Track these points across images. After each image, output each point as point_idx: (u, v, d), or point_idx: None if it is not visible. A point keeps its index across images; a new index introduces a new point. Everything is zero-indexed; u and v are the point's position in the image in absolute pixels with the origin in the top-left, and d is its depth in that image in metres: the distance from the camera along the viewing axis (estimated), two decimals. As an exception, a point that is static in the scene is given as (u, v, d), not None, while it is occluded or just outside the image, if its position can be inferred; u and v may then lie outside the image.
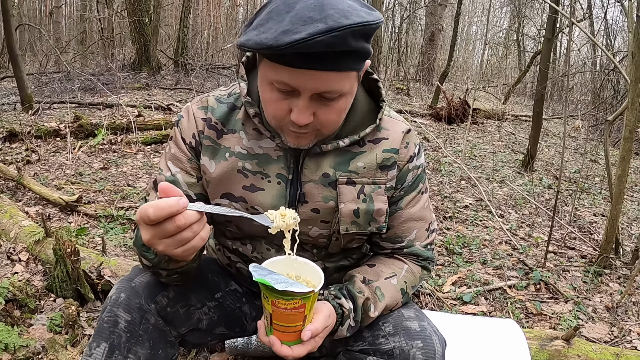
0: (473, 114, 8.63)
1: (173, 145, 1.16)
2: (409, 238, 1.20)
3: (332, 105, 0.96)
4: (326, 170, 1.10)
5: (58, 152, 4.66)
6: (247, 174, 1.11)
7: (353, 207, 1.12)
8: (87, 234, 2.93)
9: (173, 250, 0.85)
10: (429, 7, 15.62)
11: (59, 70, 9.97)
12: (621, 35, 12.16)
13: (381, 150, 1.13)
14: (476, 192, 4.40)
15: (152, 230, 0.83)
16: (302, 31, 0.83)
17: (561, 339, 1.81)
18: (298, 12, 0.85)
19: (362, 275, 1.17)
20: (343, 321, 1.09)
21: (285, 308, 0.91)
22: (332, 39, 0.83)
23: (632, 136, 2.48)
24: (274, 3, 0.91)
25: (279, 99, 0.95)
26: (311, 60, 0.87)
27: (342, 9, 0.86)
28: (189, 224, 0.83)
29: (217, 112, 1.13)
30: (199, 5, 18.22)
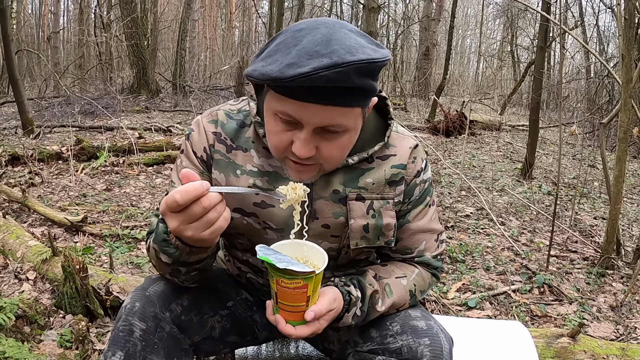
0: (471, 126, 8.69)
1: (184, 158, 1.17)
2: (419, 249, 1.23)
3: (335, 140, 0.97)
4: (336, 187, 1.12)
5: (61, 175, 4.71)
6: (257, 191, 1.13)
7: (363, 223, 1.14)
8: (93, 253, 2.96)
9: (201, 233, 0.89)
10: (423, 22, 15.80)
11: (59, 95, 10.07)
12: (614, 41, 12.29)
13: (389, 167, 1.15)
14: (477, 201, 4.43)
15: (179, 217, 0.88)
16: (307, 65, 0.84)
17: (567, 336, 1.83)
18: (305, 46, 0.87)
19: (374, 271, 1.20)
20: (349, 308, 1.10)
21: (288, 287, 0.94)
22: (335, 74, 0.84)
23: (626, 137, 2.53)
24: (283, 35, 0.93)
25: (282, 130, 0.96)
26: (315, 94, 0.88)
27: (348, 45, 0.87)
28: (213, 204, 0.88)
29: (227, 127, 1.15)
30: (195, 28, 18.42)
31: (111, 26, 12.92)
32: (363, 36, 0.94)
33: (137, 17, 11.18)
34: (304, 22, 0.94)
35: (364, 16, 12.54)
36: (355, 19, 16.83)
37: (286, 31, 0.94)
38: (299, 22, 0.96)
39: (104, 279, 2.30)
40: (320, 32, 0.89)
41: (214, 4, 23.07)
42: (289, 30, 0.93)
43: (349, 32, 0.91)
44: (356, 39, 0.90)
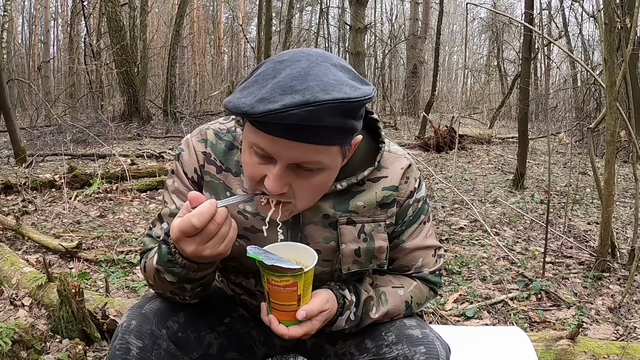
0: (461, 140, 8.77)
1: (176, 178, 1.17)
2: (416, 266, 1.22)
3: (310, 178, 0.95)
4: (326, 212, 1.10)
5: (54, 202, 4.69)
6: (247, 216, 1.12)
7: (354, 247, 1.13)
8: (88, 278, 2.94)
9: (218, 248, 0.92)
10: (409, 40, 16.02)
11: (50, 124, 10.09)
12: (598, 49, 12.50)
13: (380, 189, 1.12)
14: (470, 213, 4.45)
15: (196, 239, 0.90)
16: (278, 101, 0.82)
17: (566, 338, 1.83)
18: (281, 80, 0.84)
19: (371, 279, 1.20)
20: (343, 312, 1.10)
21: (278, 285, 0.95)
22: (306, 113, 0.81)
23: (613, 139, 2.57)
24: (265, 65, 0.91)
25: (257, 163, 0.95)
26: (287, 131, 0.85)
27: (325, 81, 0.84)
28: (224, 219, 0.91)
29: (216, 148, 1.13)
30: (184, 55, 18.59)
31: (101, 54, 13.03)
32: (347, 71, 0.90)
33: (126, 44, 11.28)
34: (290, 52, 0.92)
35: (351, 37, 12.72)
36: (343, 40, 17.04)
37: (269, 60, 0.92)
38: (286, 51, 0.93)
39: (100, 303, 2.29)
40: (300, 66, 0.86)
41: (202, 30, 23.30)
42: (271, 60, 0.91)
43: (330, 67, 0.88)
44: (336, 74, 0.87)
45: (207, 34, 23.88)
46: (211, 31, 24.29)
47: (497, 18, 14.17)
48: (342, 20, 16.55)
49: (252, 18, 24.79)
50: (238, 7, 24.51)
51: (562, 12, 10.92)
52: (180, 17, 12.79)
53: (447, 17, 19.49)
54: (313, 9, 22.05)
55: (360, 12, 11.97)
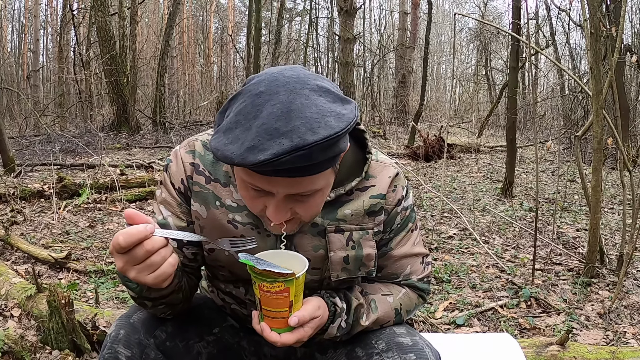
0: (450, 149, 8.85)
1: (164, 189, 1.17)
2: (405, 273, 1.23)
3: (308, 201, 0.96)
4: (314, 220, 1.11)
5: (43, 213, 4.66)
6: (237, 225, 1.12)
7: (343, 255, 1.14)
8: (78, 289, 2.92)
9: (145, 276, 0.89)
10: (398, 50, 16.14)
11: (39, 133, 10.04)
12: (585, 58, 12.67)
13: (368, 197, 1.14)
14: (459, 222, 4.48)
15: (124, 258, 0.87)
16: (267, 149, 0.81)
17: (556, 344, 1.85)
18: (264, 120, 0.83)
19: (361, 287, 1.21)
20: (334, 319, 1.10)
21: (270, 292, 0.95)
22: (297, 158, 0.81)
23: (600, 147, 2.61)
24: (242, 99, 0.89)
25: (255, 197, 0.96)
26: (280, 172, 0.86)
27: (309, 117, 0.83)
28: (157, 248, 0.88)
29: (204, 159, 1.14)
30: (174, 65, 18.58)
31: (91, 64, 12.99)
32: (326, 93, 0.89)
33: (116, 54, 11.26)
34: (263, 81, 0.89)
35: (340, 47, 12.80)
36: (332, 50, 17.13)
37: (245, 93, 0.89)
38: (259, 78, 0.91)
39: (90, 314, 2.27)
40: (279, 100, 0.85)
41: (192, 41, 23.33)
42: (248, 93, 0.88)
43: (310, 94, 0.87)
44: (317, 103, 0.86)
45: (196, 44, 23.92)
46: (201, 41, 24.33)
47: (485, 28, 14.33)
48: (331, 31, 16.65)
49: (242, 28, 24.89)
50: (227, 17, 24.59)
51: (549, 21, 11.08)
52: (169, 27, 12.81)
53: (435, 27, 19.68)
54: (302, 20, 22.21)
55: (349, 23, 12.06)
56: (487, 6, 19.46)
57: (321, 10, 18.89)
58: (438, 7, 24.76)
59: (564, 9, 9.46)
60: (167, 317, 1.17)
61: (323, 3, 19.52)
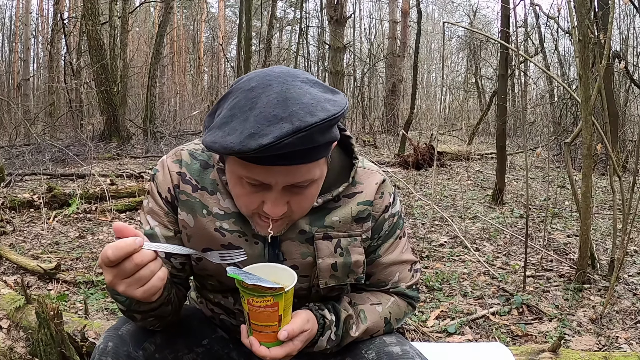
0: (440, 157, 8.88)
1: (151, 199, 1.16)
2: (393, 281, 1.22)
3: (304, 192, 0.98)
4: (302, 227, 1.11)
5: (33, 223, 4.62)
6: (224, 233, 1.11)
7: (331, 262, 1.13)
8: (67, 300, 2.89)
9: (134, 290, 0.89)
10: (388, 59, 16.22)
11: (29, 143, 9.97)
12: (574, 65, 12.79)
13: (355, 204, 1.14)
14: (450, 230, 4.49)
15: (112, 271, 0.87)
16: (269, 133, 0.82)
17: (548, 351, 1.85)
18: (262, 110, 0.85)
19: (349, 297, 1.20)
20: (324, 332, 1.10)
21: (259, 306, 0.94)
22: (299, 139, 0.83)
23: (590, 153, 2.63)
24: (234, 95, 0.91)
25: (251, 192, 0.96)
26: (280, 158, 0.88)
27: (306, 103, 0.85)
28: (146, 262, 0.87)
29: (191, 168, 1.13)
30: (164, 74, 18.56)
31: (81, 73, 12.94)
32: (316, 84, 0.93)
33: (106, 63, 11.23)
34: (254, 78, 0.92)
35: (330, 56, 12.84)
36: (322, 58, 17.18)
37: (236, 90, 0.91)
38: (248, 77, 0.93)
39: (79, 325, 2.25)
40: (274, 91, 0.87)
41: (183, 50, 23.34)
42: (239, 90, 0.91)
43: (302, 85, 0.89)
44: (311, 91, 0.89)
45: (187, 53, 23.93)
46: (191, 50, 24.35)
47: (474, 36, 14.45)
48: (322, 40, 16.72)
49: (232, 37, 24.93)
50: (218, 26, 24.64)
51: (538, 29, 11.19)
52: (160, 36, 12.81)
53: (425, 36, 19.82)
54: (293, 29, 22.28)
55: (339, 32, 12.11)
56: (477, 14, 19.66)
57: (311, 19, 18.95)
58: (428, 15, 24.97)
59: (552, 17, 9.57)
60: (156, 329, 1.17)
61: (313, 12, 19.64)
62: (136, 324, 1.13)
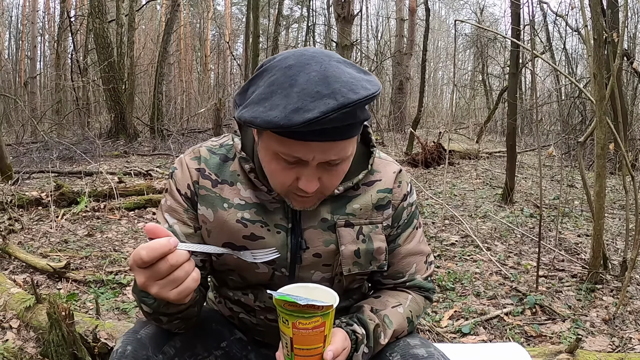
0: (449, 156, 8.83)
1: (169, 197, 1.16)
2: (410, 272, 1.22)
3: (336, 169, 0.99)
4: (324, 216, 1.12)
5: (41, 221, 4.62)
6: (246, 224, 1.11)
7: (354, 248, 1.13)
8: (77, 300, 2.88)
9: (168, 292, 0.86)
10: (395, 57, 16.17)
11: (37, 140, 10.01)
12: (582, 63, 12.71)
13: (375, 191, 1.15)
14: (461, 229, 4.46)
15: (146, 273, 0.85)
16: (314, 109, 0.84)
17: (565, 352, 1.83)
18: (304, 86, 0.86)
19: (369, 305, 1.18)
20: (357, 347, 1.08)
21: (307, 328, 0.91)
22: (343, 115, 0.86)
23: (604, 153, 2.59)
24: (271, 73, 0.92)
25: (286, 169, 0.97)
26: (320, 134, 0.89)
27: (346, 81, 0.88)
28: (180, 262, 0.85)
29: (210, 162, 1.14)
30: (171, 72, 18.57)
31: (88, 71, 12.96)
32: (350, 65, 0.94)
33: (113, 61, 11.24)
34: (289, 56, 0.93)
35: (338, 54, 12.81)
36: (329, 56, 17.11)
37: (272, 68, 0.92)
38: (282, 56, 0.94)
39: (91, 326, 2.24)
40: (313, 69, 0.89)
41: (189, 48, 23.35)
42: (276, 68, 0.91)
43: (338, 65, 0.91)
44: (348, 71, 0.91)
45: (193, 51, 23.94)
46: (198, 48, 24.35)
47: (482, 34, 14.37)
48: (329, 37, 16.68)
49: (239, 35, 24.94)
50: (224, 24, 24.63)
51: (545, 27, 11.11)
52: (167, 34, 12.81)
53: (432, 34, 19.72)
54: (299, 27, 22.25)
55: (346, 29, 12.07)
56: (484, 12, 19.56)
57: (318, 17, 18.93)
58: (434, 13, 24.83)
59: (561, 15, 9.50)
60: (178, 332, 1.15)
61: (320, 10, 19.60)
62: (161, 326, 1.12)
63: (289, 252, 1.12)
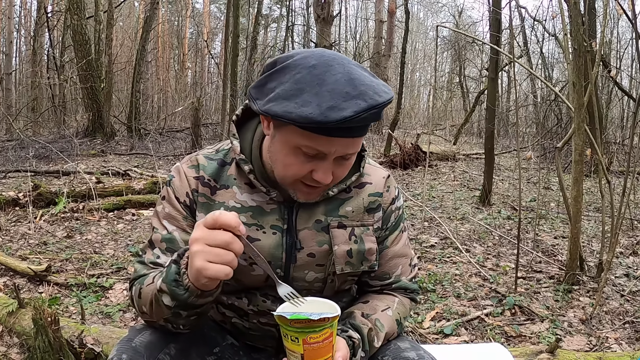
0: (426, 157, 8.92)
1: (167, 204, 1.18)
2: (396, 274, 1.27)
3: (346, 163, 1.06)
4: (318, 217, 1.16)
5: (19, 222, 4.55)
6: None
7: (346, 248, 1.17)
8: (60, 304, 2.85)
9: (209, 264, 0.91)
10: (374, 59, 16.24)
11: (12, 139, 9.80)
12: (558, 67, 12.95)
13: (367, 195, 1.21)
14: (440, 231, 4.53)
15: (204, 232, 0.92)
16: (347, 108, 0.91)
17: (546, 352, 1.89)
18: (333, 86, 0.93)
19: (360, 310, 1.22)
20: (355, 352, 1.11)
21: (318, 342, 0.93)
22: (372, 115, 0.93)
23: (582, 159, 2.67)
24: (295, 71, 0.96)
25: (303, 162, 1.02)
26: (346, 131, 0.97)
27: (369, 84, 0.95)
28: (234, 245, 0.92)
29: (208, 169, 1.17)
30: (148, 70, 18.34)
31: (65, 68, 12.74)
32: (363, 69, 1.01)
33: (91, 58, 11.06)
34: (309, 56, 0.98)
35: (317, 54, 12.80)
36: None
37: (295, 66, 0.97)
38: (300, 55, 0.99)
39: (76, 331, 2.21)
40: (338, 71, 0.95)
41: (167, 46, 23.10)
42: (299, 66, 0.96)
43: (357, 68, 0.99)
44: (365, 74, 0.98)
45: (171, 49, 23.69)
46: (175, 46, 24.11)
47: (460, 37, 14.55)
48: (308, 38, 16.69)
49: (217, 34, 24.77)
50: (203, 22, 24.44)
51: (522, 32, 11.31)
52: (146, 32, 12.67)
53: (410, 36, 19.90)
54: (278, 26, 22.20)
55: (325, 30, 12.12)
56: (462, 15, 19.79)
57: (297, 17, 18.92)
58: (413, 15, 25.03)
59: (539, 20, 9.68)
60: (171, 339, 1.15)
61: (299, 10, 19.59)
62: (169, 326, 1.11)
63: (284, 252, 1.15)
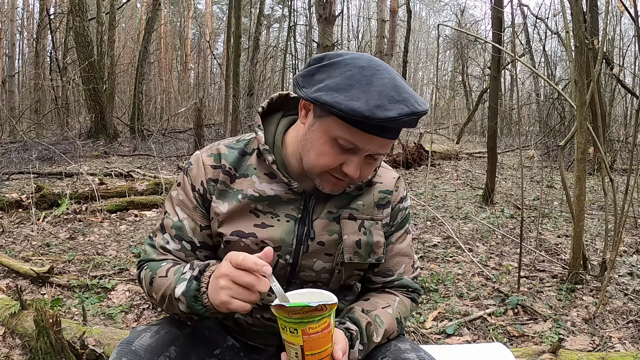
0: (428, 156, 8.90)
1: (181, 191, 1.22)
2: (399, 272, 1.29)
3: (374, 162, 1.11)
4: (330, 209, 1.20)
5: (22, 224, 4.56)
6: (258, 214, 1.18)
7: (355, 239, 1.21)
8: (62, 305, 2.86)
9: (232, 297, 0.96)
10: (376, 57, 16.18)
11: (15, 141, 9.81)
12: (561, 65, 12.89)
13: (377, 191, 1.25)
14: (443, 230, 4.51)
15: (231, 269, 0.96)
16: (392, 109, 0.97)
17: (548, 352, 1.87)
18: (381, 88, 0.98)
19: (360, 306, 1.23)
20: (353, 343, 1.12)
21: (317, 332, 0.93)
22: (412, 120, 0.99)
23: (584, 157, 2.66)
24: (346, 68, 1.01)
25: (337, 154, 1.07)
26: (385, 131, 1.02)
27: (411, 93, 1.02)
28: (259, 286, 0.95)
29: (229, 157, 1.21)
30: (150, 71, 18.36)
31: (67, 69, 12.75)
32: (403, 79, 1.06)
33: (94, 60, 11.08)
34: (359, 58, 1.04)
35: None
36: (310, 57, 17.10)
37: (346, 64, 1.02)
38: (350, 55, 1.04)
39: (78, 332, 2.22)
40: (385, 76, 1.01)
41: (169, 46, 23.13)
42: (350, 65, 1.01)
43: (400, 78, 1.04)
44: (406, 85, 1.04)
45: (173, 50, 23.72)
46: (178, 47, 24.13)
47: (462, 35, 14.52)
48: (310, 38, 16.68)
49: (219, 34, 24.77)
50: (205, 23, 24.46)
51: (525, 30, 11.27)
52: (148, 33, 12.69)
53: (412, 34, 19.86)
54: (280, 27, 22.20)
55: (328, 30, 12.08)
56: (464, 14, 19.74)
57: (299, 17, 18.89)
58: (415, 14, 24.98)
59: (541, 18, 9.64)
60: (171, 341, 1.16)
61: (301, 10, 19.57)
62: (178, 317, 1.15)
63: (295, 239, 1.18)
